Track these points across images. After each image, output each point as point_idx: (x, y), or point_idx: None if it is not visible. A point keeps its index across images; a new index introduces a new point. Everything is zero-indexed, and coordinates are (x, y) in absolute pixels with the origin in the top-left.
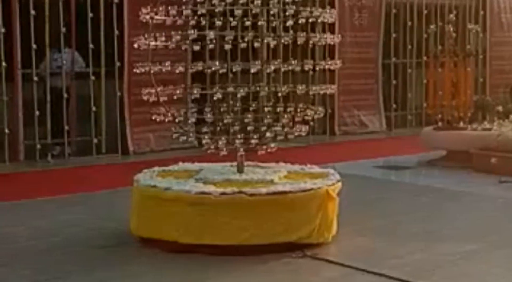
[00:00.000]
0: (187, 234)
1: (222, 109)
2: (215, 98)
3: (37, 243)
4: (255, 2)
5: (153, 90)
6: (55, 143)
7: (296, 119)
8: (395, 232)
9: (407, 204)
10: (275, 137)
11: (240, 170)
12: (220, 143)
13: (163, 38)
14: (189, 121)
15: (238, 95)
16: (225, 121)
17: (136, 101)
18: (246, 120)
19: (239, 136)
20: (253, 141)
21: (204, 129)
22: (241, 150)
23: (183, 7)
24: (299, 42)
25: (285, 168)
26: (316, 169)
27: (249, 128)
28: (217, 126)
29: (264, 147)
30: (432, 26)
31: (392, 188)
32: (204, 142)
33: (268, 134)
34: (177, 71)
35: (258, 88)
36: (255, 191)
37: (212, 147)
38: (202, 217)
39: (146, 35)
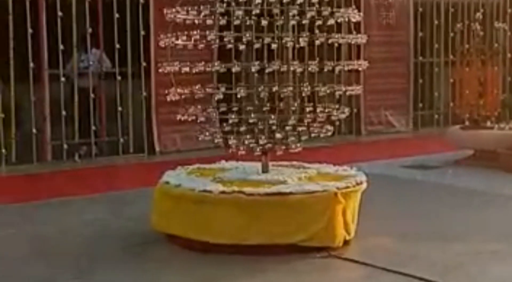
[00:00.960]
0: (191, 230)
1: (247, 109)
2: (238, 96)
3: (61, 242)
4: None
5: (177, 90)
6: (82, 143)
7: (321, 119)
8: (421, 231)
9: (433, 203)
10: (300, 138)
11: (264, 170)
12: (245, 142)
13: (184, 37)
14: (214, 121)
15: (262, 95)
16: (250, 121)
17: (162, 102)
18: (271, 121)
19: (263, 136)
20: (277, 141)
21: (229, 129)
22: (265, 149)
23: (214, 6)
24: (318, 42)
25: (317, 169)
26: (349, 171)
27: (273, 128)
28: (242, 126)
29: (289, 146)
30: (459, 25)
31: (418, 187)
32: (230, 142)
33: (292, 134)
34: (196, 70)
35: (283, 89)
36: (253, 191)
37: (236, 147)
38: (202, 214)
39: (169, 35)
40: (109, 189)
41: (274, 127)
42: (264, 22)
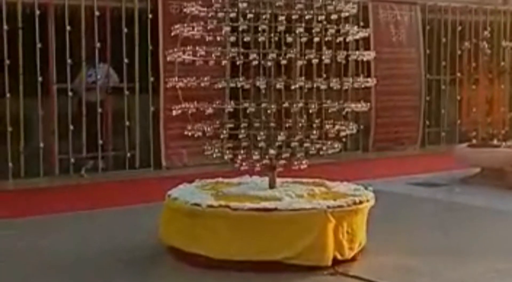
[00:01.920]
0: (185, 243)
1: (255, 125)
2: (248, 111)
3: (67, 256)
4: (293, 17)
5: (185, 105)
6: (89, 157)
7: (329, 135)
8: (428, 249)
9: (440, 221)
10: (307, 154)
11: (271, 186)
12: (252, 158)
13: (190, 52)
14: (222, 137)
15: (269, 111)
16: (258, 138)
17: (171, 117)
18: (279, 138)
19: (270, 152)
20: (284, 157)
21: (235, 144)
22: (272, 165)
23: (221, 23)
24: (327, 59)
25: (331, 187)
26: (361, 190)
27: (279, 144)
28: (249, 142)
29: (296, 163)
30: (467, 43)
31: (424, 205)
32: (239, 157)
33: (299, 150)
34: (204, 85)
35: (292, 105)
36: (238, 206)
37: (242, 163)
38: (193, 227)
39: (175, 49)
40: (114, 203)
41: (281, 143)
42: (274, 39)
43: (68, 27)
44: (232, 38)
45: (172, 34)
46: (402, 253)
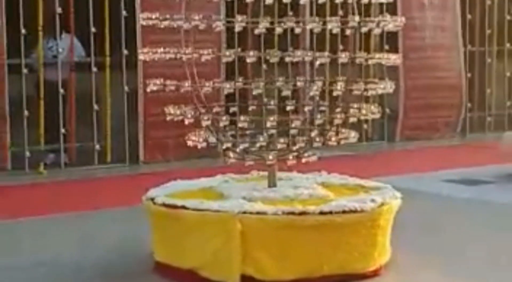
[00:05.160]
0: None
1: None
2: (254, 93)
3: (26, 274)
4: None
5: (162, 82)
6: (48, 150)
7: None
8: (469, 263)
9: (484, 227)
10: (312, 145)
11: (271, 184)
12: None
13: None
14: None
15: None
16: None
17: (151, 99)
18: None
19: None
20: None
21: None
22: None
23: None
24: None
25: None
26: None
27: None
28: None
29: (301, 156)
30: None
31: (465, 207)
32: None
33: (302, 141)
34: (202, 59)
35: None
36: (174, 202)
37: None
38: None
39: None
40: (79, 207)
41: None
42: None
43: None
44: None
45: None
46: (435, 269)
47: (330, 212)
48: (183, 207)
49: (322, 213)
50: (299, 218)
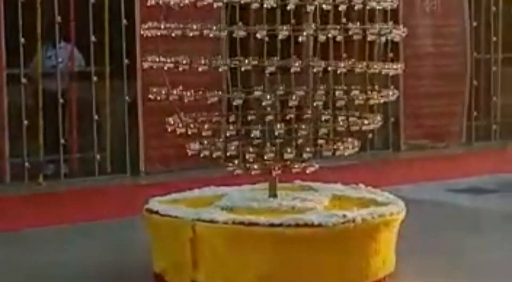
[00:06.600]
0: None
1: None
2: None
3: None
4: None
5: (168, 91)
6: (48, 161)
7: (347, 130)
8: (473, 272)
9: (491, 238)
10: (314, 155)
11: (272, 194)
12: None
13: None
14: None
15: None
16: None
17: (151, 109)
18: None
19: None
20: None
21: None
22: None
23: None
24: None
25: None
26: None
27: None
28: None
29: (301, 166)
30: None
31: (470, 217)
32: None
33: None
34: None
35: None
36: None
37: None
38: None
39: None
40: (79, 218)
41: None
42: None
43: None
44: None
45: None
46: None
47: (281, 225)
48: (156, 212)
49: (272, 225)
50: (247, 228)
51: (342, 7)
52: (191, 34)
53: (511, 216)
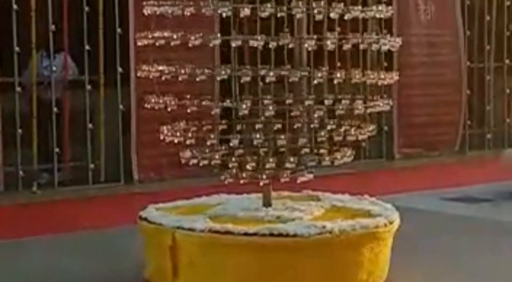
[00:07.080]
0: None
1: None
2: (240, 113)
3: None
4: None
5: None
6: (42, 169)
7: (337, 139)
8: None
9: (486, 248)
10: (307, 164)
11: (266, 203)
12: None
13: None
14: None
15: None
16: (255, 142)
17: (145, 117)
18: (279, 142)
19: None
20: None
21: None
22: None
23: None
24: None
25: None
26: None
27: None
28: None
29: (295, 175)
30: None
31: (464, 226)
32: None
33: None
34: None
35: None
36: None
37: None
38: None
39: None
40: (74, 227)
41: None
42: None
43: (15, 6)
44: (222, 11)
45: (145, 11)
46: None
47: (255, 234)
48: (145, 219)
49: (246, 234)
50: (223, 236)
51: (334, 16)
52: (190, 45)
53: (504, 225)
